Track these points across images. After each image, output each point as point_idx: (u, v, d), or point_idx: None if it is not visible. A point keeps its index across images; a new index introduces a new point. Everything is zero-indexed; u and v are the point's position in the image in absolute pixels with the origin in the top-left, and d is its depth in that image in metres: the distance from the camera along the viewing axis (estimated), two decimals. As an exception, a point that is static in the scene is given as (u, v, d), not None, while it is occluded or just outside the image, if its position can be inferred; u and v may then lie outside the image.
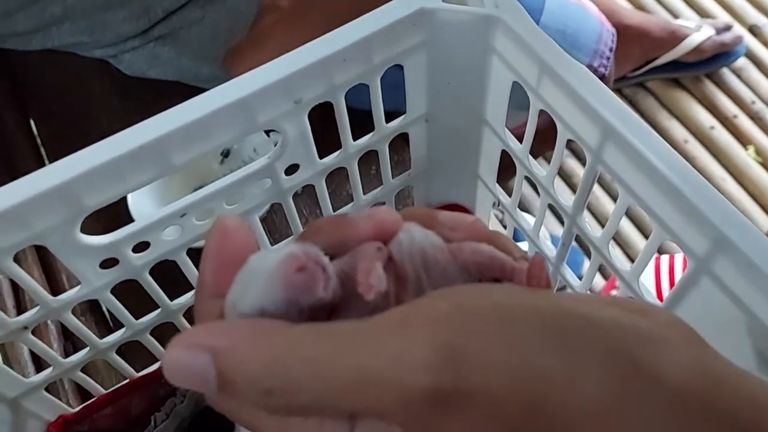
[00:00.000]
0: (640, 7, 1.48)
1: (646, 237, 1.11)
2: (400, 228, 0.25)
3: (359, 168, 0.43)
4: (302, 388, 0.20)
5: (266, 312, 0.21)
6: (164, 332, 0.47)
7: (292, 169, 0.40)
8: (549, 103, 0.35)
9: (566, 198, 0.38)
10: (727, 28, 1.36)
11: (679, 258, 1.07)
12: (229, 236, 0.25)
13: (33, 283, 0.37)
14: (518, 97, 0.67)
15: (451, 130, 0.44)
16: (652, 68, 1.35)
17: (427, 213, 0.27)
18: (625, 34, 1.25)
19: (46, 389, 0.45)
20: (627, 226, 1.24)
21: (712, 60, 1.36)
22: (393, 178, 0.47)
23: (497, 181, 0.46)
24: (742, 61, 1.39)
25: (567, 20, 0.64)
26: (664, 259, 1.08)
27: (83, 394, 0.51)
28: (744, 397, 0.20)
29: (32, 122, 0.75)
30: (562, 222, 0.41)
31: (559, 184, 1.28)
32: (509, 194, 0.45)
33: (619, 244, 1.23)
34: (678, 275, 1.10)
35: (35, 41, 0.63)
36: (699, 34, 1.33)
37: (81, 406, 0.48)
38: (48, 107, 0.71)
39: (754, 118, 1.34)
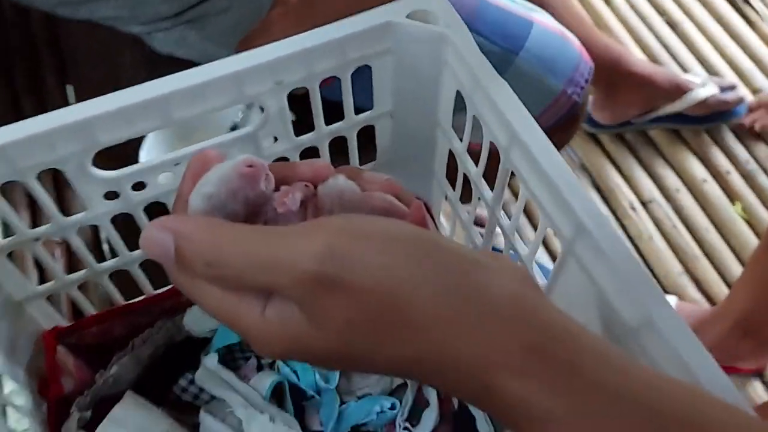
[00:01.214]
0: (654, 58, 1.55)
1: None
2: (331, 175, 0.34)
3: (335, 158, 0.52)
4: (230, 263, 0.28)
5: (215, 197, 0.30)
6: (149, 268, 0.55)
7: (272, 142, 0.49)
8: (477, 109, 0.43)
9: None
10: (732, 87, 1.43)
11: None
12: (207, 160, 0.33)
13: (49, 201, 0.45)
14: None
15: (411, 128, 0.52)
16: (656, 117, 1.42)
17: (354, 169, 0.35)
18: (632, 81, 1.32)
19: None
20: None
21: (714, 116, 1.42)
22: (360, 165, 0.55)
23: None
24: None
25: (547, 47, 0.72)
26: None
27: (75, 316, 0.59)
28: (547, 321, 0.28)
29: (68, 87, 0.84)
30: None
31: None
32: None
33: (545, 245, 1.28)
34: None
35: (82, 11, 0.72)
36: (704, 89, 1.40)
37: (72, 323, 0.57)
38: (83, 73, 0.80)
39: (746, 176, 1.40)
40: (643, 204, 1.38)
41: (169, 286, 0.58)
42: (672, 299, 1.19)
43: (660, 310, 0.34)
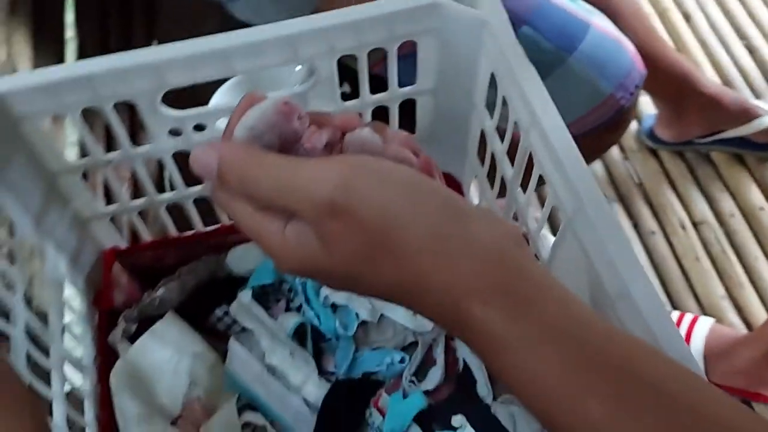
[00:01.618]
0: (727, 81, 1.54)
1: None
2: (359, 127, 0.38)
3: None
4: (259, 181, 0.33)
5: (255, 129, 0.35)
6: (201, 205, 0.61)
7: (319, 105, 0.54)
8: (507, 91, 0.47)
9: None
10: (803, 119, 1.40)
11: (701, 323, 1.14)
12: (253, 100, 0.38)
13: (122, 130, 0.52)
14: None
15: (448, 107, 0.56)
16: (720, 139, 1.41)
17: (380, 124, 0.40)
18: (699, 100, 1.32)
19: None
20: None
21: (780, 145, 1.40)
22: (402, 135, 0.59)
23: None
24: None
25: (601, 50, 0.75)
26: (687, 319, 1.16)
27: (133, 240, 0.66)
28: (520, 268, 0.32)
29: (154, 42, 0.92)
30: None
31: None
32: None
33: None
34: (694, 338, 1.17)
35: (174, -24, 0.80)
36: (772, 117, 1.38)
37: (130, 246, 0.64)
38: (169, 32, 0.88)
39: (805, 211, 1.38)
40: (694, 224, 1.37)
41: (217, 225, 0.64)
42: (708, 321, 1.19)
43: (637, 285, 0.38)
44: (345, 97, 0.55)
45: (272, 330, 0.61)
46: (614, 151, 1.46)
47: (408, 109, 0.58)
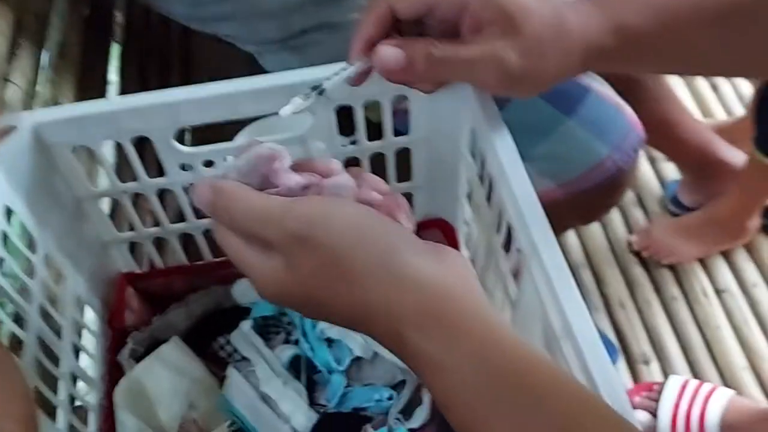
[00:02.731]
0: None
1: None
2: (337, 172, 0.43)
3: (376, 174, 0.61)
4: (244, 214, 0.38)
5: (241, 169, 0.40)
6: (211, 237, 0.66)
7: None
8: (482, 144, 0.51)
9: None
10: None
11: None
12: (254, 144, 0.43)
13: (137, 162, 0.57)
14: (545, 166, 0.84)
15: (440, 155, 0.60)
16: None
17: (356, 170, 0.44)
18: (722, 168, 1.33)
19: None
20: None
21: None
22: (398, 183, 0.64)
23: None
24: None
25: (599, 115, 0.78)
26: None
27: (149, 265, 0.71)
28: (451, 294, 0.35)
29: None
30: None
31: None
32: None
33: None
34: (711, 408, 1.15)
35: (209, 27, 0.87)
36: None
37: (144, 271, 0.69)
38: (202, 79, 0.95)
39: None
40: (717, 292, 1.36)
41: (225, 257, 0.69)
42: (728, 392, 1.16)
43: (579, 325, 0.40)
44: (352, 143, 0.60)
45: (269, 360, 0.65)
46: (638, 215, 1.47)
47: (406, 155, 0.62)
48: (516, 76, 0.44)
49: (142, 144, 0.56)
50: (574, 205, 0.80)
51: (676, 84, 1.58)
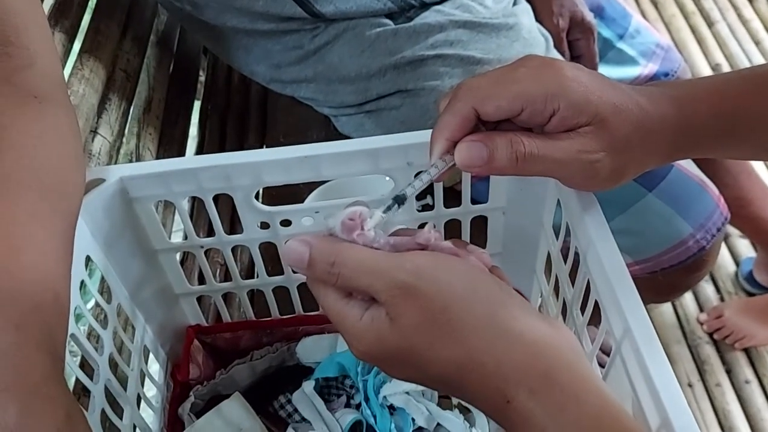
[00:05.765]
0: None
1: None
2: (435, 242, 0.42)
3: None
4: (346, 264, 0.38)
5: (332, 229, 0.40)
6: (279, 294, 0.66)
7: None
8: (569, 216, 0.50)
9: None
10: None
11: None
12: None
13: (216, 218, 0.58)
14: (622, 241, 0.83)
15: (518, 225, 0.59)
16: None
17: (460, 242, 0.43)
18: None
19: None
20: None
21: None
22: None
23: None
24: None
25: (683, 191, 0.76)
26: None
27: (216, 319, 0.71)
28: (568, 365, 0.34)
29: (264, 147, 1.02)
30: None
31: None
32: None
33: None
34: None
35: (288, 89, 0.89)
36: None
37: (211, 325, 0.69)
38: (278, 139, 0.97)
39: None
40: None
41: (292, 315, 0.69)
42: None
43: (678, 419, 0.38)
44: (428, 207, 0.60)
45: (328, 423, 0.63)
46: (710, 291, 1.41)
47: (481, 223, 0.61)
48: (604, 176, 0.43)
49: (215, 198, 0.57)
50: (652, 283, 0.77)
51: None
